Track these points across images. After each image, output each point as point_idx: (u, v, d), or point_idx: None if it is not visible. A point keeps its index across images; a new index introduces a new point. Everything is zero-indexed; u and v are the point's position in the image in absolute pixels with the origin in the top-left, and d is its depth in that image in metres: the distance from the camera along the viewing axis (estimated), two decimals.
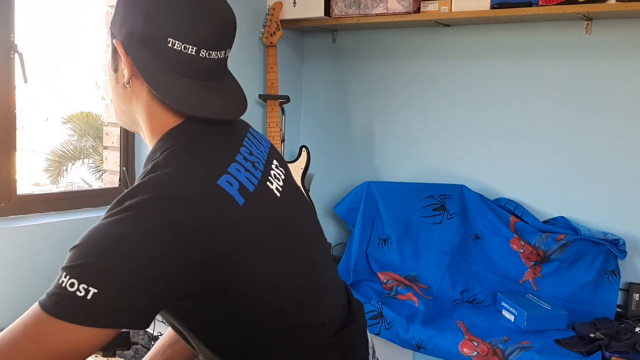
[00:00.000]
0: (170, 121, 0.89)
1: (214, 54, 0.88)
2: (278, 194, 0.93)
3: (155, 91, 0.87)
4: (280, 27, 2.50)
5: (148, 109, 0.90)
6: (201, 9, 0.87)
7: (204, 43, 0.86)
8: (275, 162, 1.01)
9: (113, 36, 0.91)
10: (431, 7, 2.32)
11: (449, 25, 2.51)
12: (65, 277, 0.73)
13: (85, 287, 0.72)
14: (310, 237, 1.00)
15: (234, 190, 0.83)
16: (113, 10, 0.92)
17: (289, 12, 2.54)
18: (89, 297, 0.72)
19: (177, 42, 0.85)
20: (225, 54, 0.91)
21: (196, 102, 0.88)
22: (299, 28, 2.73)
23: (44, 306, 0.74)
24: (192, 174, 0.82)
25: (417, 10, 2.35)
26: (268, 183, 0.93)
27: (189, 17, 0.86)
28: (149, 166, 0.84)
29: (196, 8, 0.87)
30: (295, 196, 1.01)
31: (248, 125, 1.04)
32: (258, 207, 0.86)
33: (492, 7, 2.18)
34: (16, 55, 1.71)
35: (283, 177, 0.99)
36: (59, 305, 0.73)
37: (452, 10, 2.26)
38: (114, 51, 0.91)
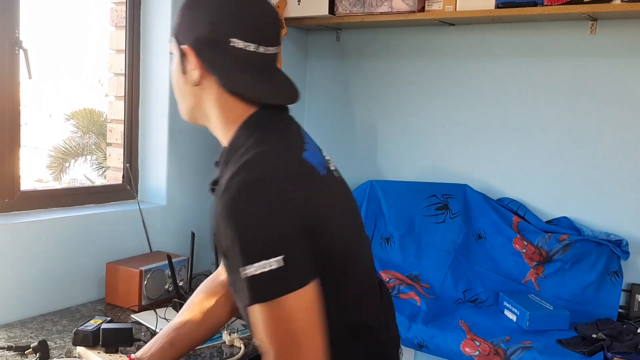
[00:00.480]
0: (242, 111, 1.01)
1: (270, 49, 1.01)
2: (337, 175, 1.08)
3: (228, 85, 0.99)
4: (284, 24, 2.50)
5: (219, 102, 1.02)
6: (255, 10, 1.00)
7: (261, 40, 0.99)
8: (323, 151, 1.12)
9: (180, 43, 1.03)
10: (436, 6, 2.31)
11: (453, 25, 2.50)
12: (250, 269, 0.84)
13: (272, 260, 0.84)
14: (360, 221, 1.14)
15: (315, 162, 0.98)
16: (177, 21, 1.05)
17: (293, 10, 2.54)
18: (282, 264, 0.84)
19: (239, 41, 0.97)
20: (277, 49, 1.04)
21: (263, 91, 1.01)
22: (303, 26, 2.73)
23: (263, 298, 0.85)
24: (282, 151, 0.96)
25: (422, 9, 2.34)
26: (328, 165, 1.07)
27: (247, 17, 0.98)
28: (241, 150, 0.96)
29: (251, 9, 0.99)
30: (346, 184, 1.13)
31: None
32: (331, 181, 1.02)
33: (497, 6, 2.18)
34: (21, 51, 1.71)
35: (334, 164, 1.11)
36: (270, 287, 0.84)
37: (457, 10, 2.26)
38: (182, 56, 1.02)
